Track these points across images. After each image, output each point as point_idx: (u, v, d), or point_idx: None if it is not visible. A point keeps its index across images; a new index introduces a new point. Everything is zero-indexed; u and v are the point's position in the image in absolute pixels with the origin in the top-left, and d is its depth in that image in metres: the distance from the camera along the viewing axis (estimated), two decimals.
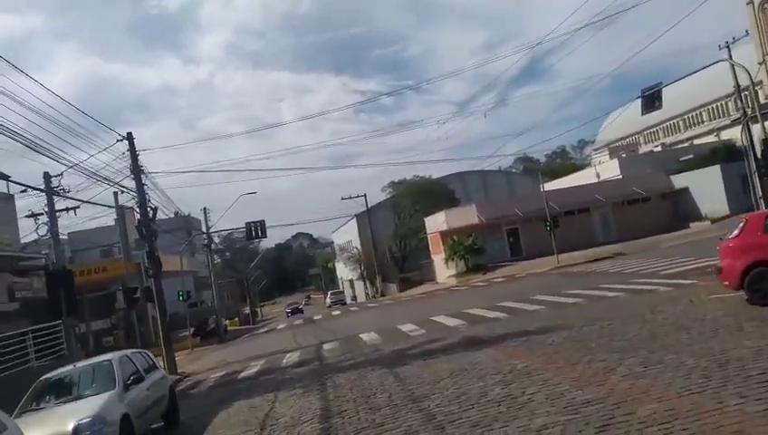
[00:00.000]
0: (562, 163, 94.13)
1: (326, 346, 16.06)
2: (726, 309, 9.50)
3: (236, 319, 53.69)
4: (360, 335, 16.58)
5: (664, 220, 38.52)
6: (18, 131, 13.04)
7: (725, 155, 41.21)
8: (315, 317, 33.72)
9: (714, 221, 35.27)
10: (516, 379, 7.51)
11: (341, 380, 10.48)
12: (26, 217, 26.35)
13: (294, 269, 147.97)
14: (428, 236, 44.83)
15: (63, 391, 8.64)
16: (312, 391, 10.05)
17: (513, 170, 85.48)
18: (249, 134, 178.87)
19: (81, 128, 15.42)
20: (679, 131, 59.92)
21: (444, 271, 40.66)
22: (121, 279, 37.37)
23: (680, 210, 39.58)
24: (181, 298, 29.32)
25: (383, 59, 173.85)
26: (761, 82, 37.36)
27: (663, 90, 46.51)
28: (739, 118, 33.52)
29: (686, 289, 13.13)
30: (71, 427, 7.30)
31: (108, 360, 9.08)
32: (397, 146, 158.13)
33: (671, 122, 60.47)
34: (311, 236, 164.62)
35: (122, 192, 18.30)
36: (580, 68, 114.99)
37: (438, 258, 42.41)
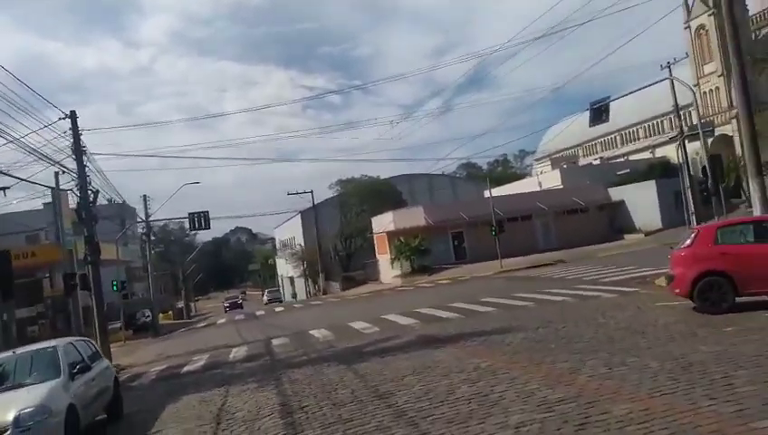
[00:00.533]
0: (504, 171, 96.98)
1: (275, 342, 15.69)
2: (677, 316, 9.90)
3: (170, 313, 51.94)
4: (310, 332, 16.30)
5: (601, 231, 40.14)
6: None
7: (661, 171, 43.39)
8: (257, 313, 33.02)
9: (647, 234, 37.06)
10: (482, 377, 7.53)
11: (297, 375, 10.23)
12: None
13: (232, 264, 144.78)
14: (374, 236, 44.88)
15: (2, 378, 8.00)
16: (267, 386, 9.75)
17: (457, 175, 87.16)
18: (190, 124, 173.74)
19: (15, 103, 14.35)
20: (617, 146, 62.70)
21: (389, 271, 40.78)
22: (50, 266, 35.44)
23: (616, 222, 41.35)
24: (115, 288, 28.02)
25: (332, 56, 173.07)
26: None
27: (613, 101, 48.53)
28: (676, 136, 35.38)
29: (630, 296, 13.66)
30: (11, 416, 6.75)
31: (52, 346, 8.48)
32: (342, 145, 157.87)
33: (609, 137, 63.16)
34: (250, 231, 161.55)
35: (63, 172, 17.27)
36: (524, 80, 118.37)
37: (384, 258, 42.50)
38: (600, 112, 22.71)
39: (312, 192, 48.60)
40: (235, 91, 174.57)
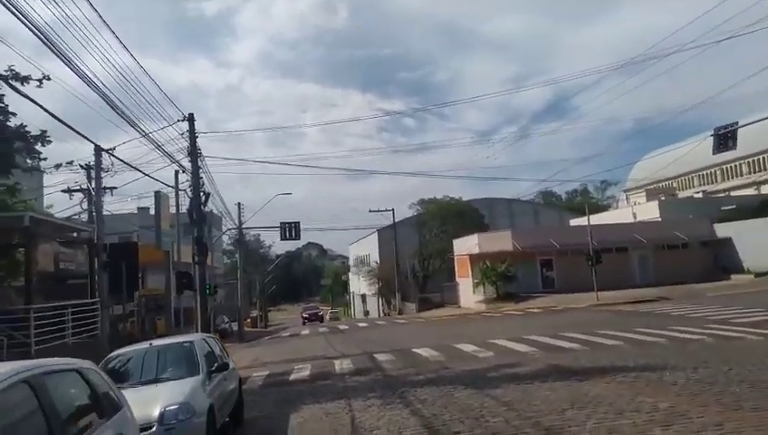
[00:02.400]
0: (584, 201, 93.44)
1: (379, 357, 15.02)
2: None
3: (248, 320, 52.67)
4: (413, 350, 15.56)
5: (703, 269, 37.27)
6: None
7: None
8: (341, 327, 32.65)
9: (758, 275, 34.04)
10: (672, 420, 6.51)
11: (424, 395, 9.49)
12: (63, 191, 25.80)
13: (302, 278, 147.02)
14: (455, 258, 43.80)
15: (139, 372, 7.69)
16: (394, 404, 9.07)
17: (537, 202, 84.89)
18: (271, 142, 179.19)
19: (141, 106, 14.73)
20: (716, 181, 58.85)
21: (470, 295, 39.52)
22: (143, 267, 36.61)
23: (720, 260, 38.34)
24: (208, 292, 28.34)
25: (410, 81, 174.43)
26: None
27: (704, 138, 45.57)
28: None
29: None
30: (156, 412, 6.37)
31: (189, 341, 8.15)
32: (414, 168, 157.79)
33: (708, 171, 59.44)
34: (321, 247, 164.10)
35: (183, 171, 17.54)
36: (605, 111, 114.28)
37: (465, 282, 41.32)
38: (726, 139, 20.94)
39: (393, 210, 48.21)
40: (315, 111, 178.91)
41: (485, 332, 18.94)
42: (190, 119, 17.78)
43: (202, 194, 17.85)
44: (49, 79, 16.55)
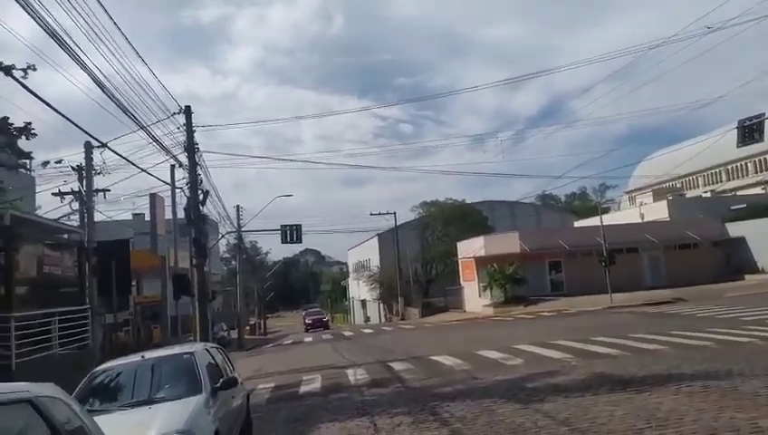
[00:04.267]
0: (582, 204, 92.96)
1: (396, 366, 13.76)
2: None
3: (247, 328, 51.24)
4: (433, 358, 14.32)
5: (715, 269, 36.15)
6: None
7: None
8: (345, 333, 31.34)
9: None
10: None
11: (460, 411, 8.25)
12: (54, 194, 24.48)
13: (299, 285, 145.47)
14: (460, 262, 42.57)
15: (130, 390, 6.43)
16: (428, 422, 7.84)
17: (536, 204, 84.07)
18: (268, 148, 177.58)
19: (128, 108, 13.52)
20: (721, 181, 57.94)
21: (475, 299, 38.27)
22: (138, 274, 35.23)
23: (733, 260, 37.25)
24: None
25: (407, 87, 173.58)
26: None
27: (708, 138, 44.61)
28: None
29: None
30: None
31: (188, 353, 6.88)
32: (410, 175, 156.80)
33: (713, 171, 58.57)
34: (319, 253, 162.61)
35: (180, 165, 16.27)
36: (596, 115, 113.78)
37: (470, 285, 40.08)
38: (751, 131, 19.84)
39: (395, 213, 46.95)
40: (311, 118, 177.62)
41: (504, 337, 17.72)
42: (187, 111, 16.57)
43: (200, 192, 16.60)
44: (35, 69, 15.32)
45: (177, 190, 17.02)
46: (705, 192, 53.66)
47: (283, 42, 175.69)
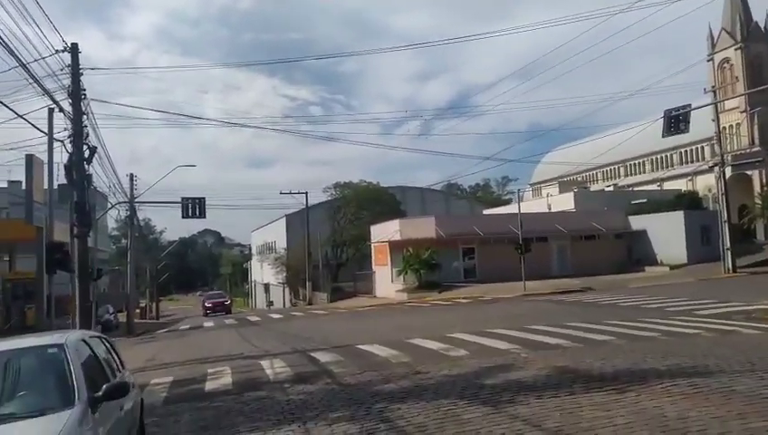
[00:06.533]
0: (485, 195, 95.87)
1: (320, 357, 11.98)
2: None
3: (137, 311, 47.05)
4: (361, 347, 12.71)
5: (618, 260, 37.52)
6: None
7: (676, 203, 41.19)
8: (251, 318, 28.96)
9: (673, 268, 34.52)
10: None
11: (416, 416, 6.68)
12: None
13: (196, 267, 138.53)
14: (373, 246, 41.32)
15: None
16: (380, 433, 6.22)
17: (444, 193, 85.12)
18: (168, 123, 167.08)
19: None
20: (619, 177, 60.87)
21: (388, 284, 37.22)
22: (9, 246, 30.75)
23: (634, 252, 38.81)
24: (92, 275, 23.68)
25: (317, 68, 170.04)
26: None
27: (610, 135, 46.24)
28: (713, 165, 33.10)
29: None
30: None
31: (56, 344, 4.72)
32: (318, 157, 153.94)
33: (612, 167, 61.37)
34: (219, 234, 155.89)
35: (60, 110, 13.30)
36: (500, 111, 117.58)
37: (383, 270, 38.97)
38: (677, 121, 19.93)
39: (306, 193, 44.72)
40: (216, 93, 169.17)
41: (434, 324, 16.50)
42: (73, 49, 13.66)
43: (86, 148, 13.78)
44: None
45: (58, 145, 13.91)
46: (608, 186, 56.07)
47: (188, 11, 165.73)
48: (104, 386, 4.46)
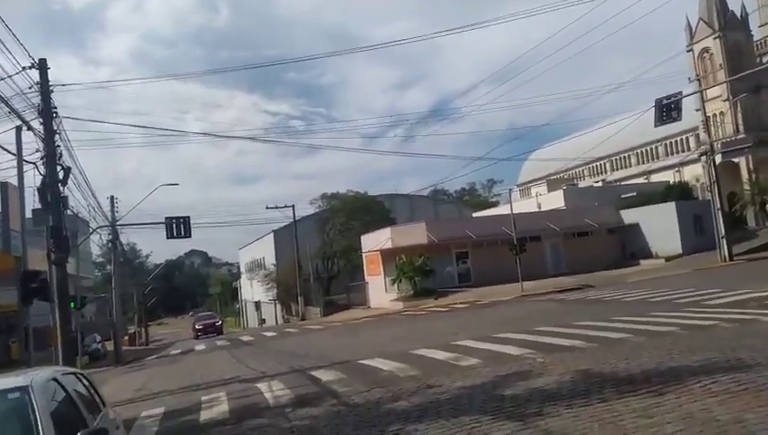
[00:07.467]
0: (471, 199, 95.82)
1: (322, 376, 11.22)
2: None
3: (126, 338, 45.84)
4: (363, 362, 11.99)
5: (612, 255, 37.23)
6: None
7: (666, 195, 41.06)
8: (244, 338, 28.05)
9: (668, 259, 34.22)
10: None
11: None
12: None
13: (184, 289, 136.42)
14: (364, 256, 40.57)
15: None
16: None
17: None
18: (149, 143, 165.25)
19: None
20: (606, 172, 60.79)
21: (382, 294, 36.46)
22: None
23: (628, 246, 38.50)
24: (74, 306, 22.68)
25: (297, 83, 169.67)
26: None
27: (594, 131, 46.09)
28: (702, 153, 32.90)
29: None
30: None
31: (20, 388, 3.97)
32: (301, 171, 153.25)
33: (598, 163, 61.30)
34: (205, 254, 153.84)
35: (28, 129, 12.47)
36: (479, 114, 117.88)
37: (376, 280, 38.20)
38: (669, 109, 19.56)
39: (293, 206, 43.95)
40: (197, 112, 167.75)
41: (436, 332, 15.84)
42: (42, 65, 12.88)
43: (60, 168, 12.97)
44: None
45: (30, 167, 13.05)
46: (596, 182, 55.91)
47: (163, 32, 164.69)
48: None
